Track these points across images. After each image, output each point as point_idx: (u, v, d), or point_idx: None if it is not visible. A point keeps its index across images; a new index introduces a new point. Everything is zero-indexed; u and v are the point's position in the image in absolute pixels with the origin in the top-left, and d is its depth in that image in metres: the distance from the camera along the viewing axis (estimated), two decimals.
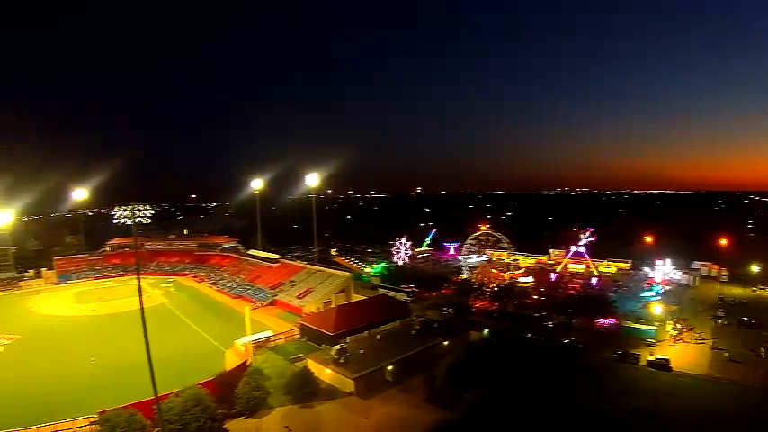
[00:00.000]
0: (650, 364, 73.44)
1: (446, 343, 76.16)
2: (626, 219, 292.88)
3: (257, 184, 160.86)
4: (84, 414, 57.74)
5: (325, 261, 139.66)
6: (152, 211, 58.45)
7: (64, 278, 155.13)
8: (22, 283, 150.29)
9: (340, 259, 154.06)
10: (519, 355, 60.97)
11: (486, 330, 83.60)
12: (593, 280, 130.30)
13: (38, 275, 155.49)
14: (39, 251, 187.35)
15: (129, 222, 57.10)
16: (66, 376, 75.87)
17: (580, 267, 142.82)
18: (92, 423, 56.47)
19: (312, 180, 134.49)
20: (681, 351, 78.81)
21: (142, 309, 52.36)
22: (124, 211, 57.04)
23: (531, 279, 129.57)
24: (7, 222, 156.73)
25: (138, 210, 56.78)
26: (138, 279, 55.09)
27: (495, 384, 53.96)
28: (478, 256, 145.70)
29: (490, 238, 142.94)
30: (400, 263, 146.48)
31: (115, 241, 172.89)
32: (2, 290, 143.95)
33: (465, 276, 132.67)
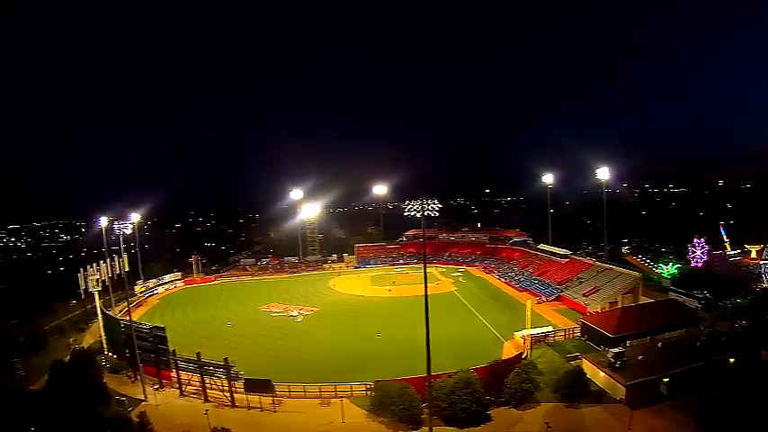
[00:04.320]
0: None
1: (732, 360, 67.40)
2: None
3: (549, 179, 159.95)
4: (362, 380, 66.95)
5: (615, 259, 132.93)
6: (439, 206, 63.42)
7: (363, 263, 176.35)
8: (326, 266, 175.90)
9: (631, 258, 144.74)
10: None
11: None
12: None
13: (340, 259, 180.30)
14: (342, 239, 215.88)
15: (419, 215, 62.90)
16: (352, 347, 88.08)
17: None
18: (367, 389, 65.27)
19: (603, 174, 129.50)
20: None
21: (426, 294, 57.52)
22: (414, 205, 63.40)
23: None
24: (316, 214, 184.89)
25: (427, 204, 62.27)
26: (425, 267, 60.63)
27: None
28: None
29: None
30: (695, 265, 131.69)
31: (411, 232, 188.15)
32: (309, 270, 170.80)
33: (766, 285, 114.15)
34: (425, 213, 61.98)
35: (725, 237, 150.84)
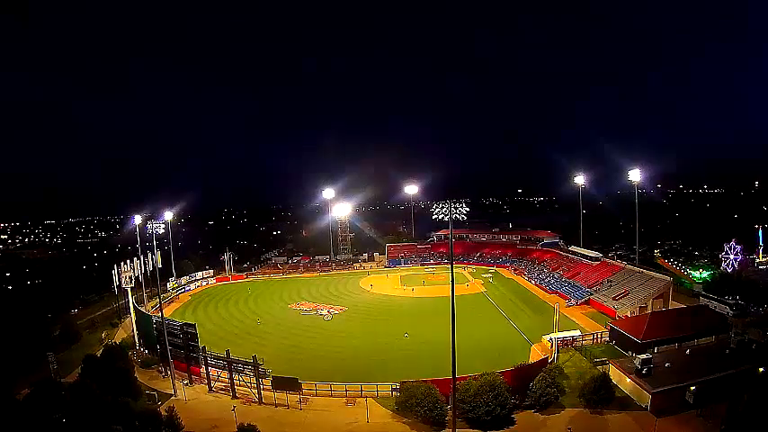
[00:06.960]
0: None
1: (761, 369, 65.62)
2: None
3: (580, 179, 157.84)
4: (388, 380, 67.30)
5: (647, 262, 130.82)
6: (467, 209, 63.16)
7: (393, 262, 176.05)
8: (356, 265, 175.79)
9: (662, 261, 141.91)
10: None
11: None
12: None
13: (371, 258, 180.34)
14: (373, 238, 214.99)
15: (446, 218, 62.61)
16: (380, 346, 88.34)
17: None
18: (393, 390, 65.59)
19: (635, 175, 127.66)
20: None
21: (453, 295, 57.38)
22: (442, 207, 63.36)
23: None
24: (347, 212, 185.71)
25: (455, 207, 62.15)
26: (452, 268, 60.82)
27: None
28: None
29: None
30: (729, 270, 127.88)
31: (441, 232, 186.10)
32: (339, 269, 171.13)
33: None
34: (454, 216, 61.78)
35: (761, 241, 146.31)
